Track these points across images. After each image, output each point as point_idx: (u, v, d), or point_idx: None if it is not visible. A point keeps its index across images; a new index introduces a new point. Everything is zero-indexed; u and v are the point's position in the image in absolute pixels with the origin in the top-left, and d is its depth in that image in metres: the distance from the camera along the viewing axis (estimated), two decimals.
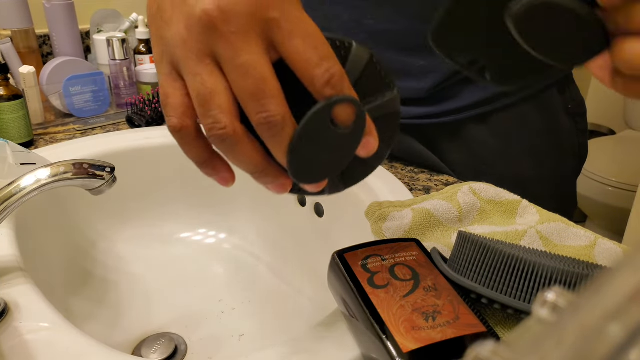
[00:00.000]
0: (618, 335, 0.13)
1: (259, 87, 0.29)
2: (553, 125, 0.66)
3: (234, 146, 0.30)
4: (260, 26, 0.29)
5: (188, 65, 0.29)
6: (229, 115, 0.29)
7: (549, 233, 0.51)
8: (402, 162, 0.72)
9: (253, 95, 0.29)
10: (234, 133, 0.30)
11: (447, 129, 0.66)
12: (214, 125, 0.29)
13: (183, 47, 0.29)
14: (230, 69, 0.29)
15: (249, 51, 0.29)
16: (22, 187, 0.45)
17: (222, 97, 0.29)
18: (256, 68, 0.29)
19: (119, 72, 0.93)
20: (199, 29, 0.29)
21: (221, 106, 0.29)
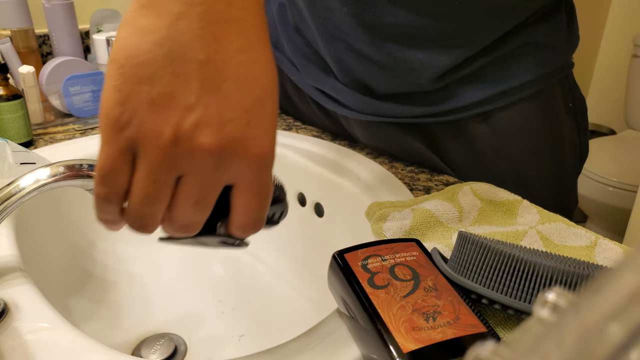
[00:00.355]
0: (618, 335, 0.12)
1: (201, 213, 0.31)
2: (554, 123, 0.66)
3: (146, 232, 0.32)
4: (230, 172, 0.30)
5: (155, 167, 0.29)
6: (158, 222, 0.32)
7: (549, 233, 0.51)
8: (402, 162, 0.72)
9: (192, 214, 0.31)
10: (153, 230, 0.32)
11: (449, 127, 0.66)
12: (145, 220, 0.31)
13: (158, 148, 0.29)
14: (190, 193, 0.30)
15: (215, 190, 0.31)
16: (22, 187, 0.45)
17: (163, 207, 0.31)
18: (210, 202, 0.31)
19: None
20: (186, 151, 0.29)
21: (158, 213, 0.31)
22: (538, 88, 0.63)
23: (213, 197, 0.31)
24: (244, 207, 0.32)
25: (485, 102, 0.63)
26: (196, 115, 0.28)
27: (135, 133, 0.29)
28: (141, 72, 0.28)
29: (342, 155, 0.72)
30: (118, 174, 0.30)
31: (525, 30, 0.61)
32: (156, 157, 0.29)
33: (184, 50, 0.28)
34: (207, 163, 0.29)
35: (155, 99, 0.28)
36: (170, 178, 0.30)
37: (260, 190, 0.32)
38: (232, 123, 0.29)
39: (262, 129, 0.30)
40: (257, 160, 0.30)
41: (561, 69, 0.65)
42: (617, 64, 2.32)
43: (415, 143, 0.69)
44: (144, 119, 0.28)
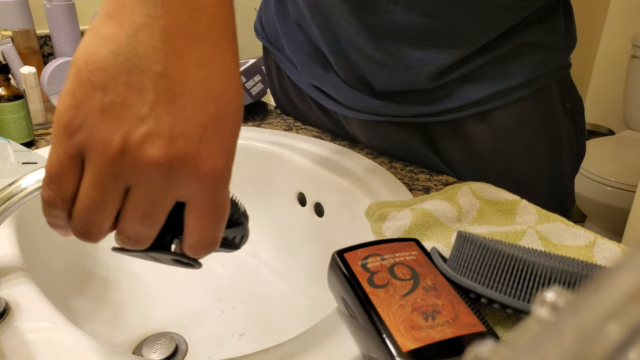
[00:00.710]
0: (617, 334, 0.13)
1: (149, 228, 0.31)
2: (552, 123, 0.67)
3: (89, 240, 0.32)
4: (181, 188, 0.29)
5: (102, 175, 0.29)
6: (104, 232, 0.31)
7: (548, 233, 0.51)
8: (402, 162, 0.72)
9: (140, 228, 0.30)
10: (97, 239, 0.32)
11: (448, 127, 0.67)
12: (89, 228, 0.30)
13: (105, 157, 0.28)
14: (138, 205, 0.30)
15: (164, 205, 0.30)
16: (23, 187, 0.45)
17: (109, 217, 0.30)
18: (159, 218, 0.30)
19: None
20: (134, 162, 0.28)
21: (103, 223, 0.30)
22: (536, 88, 0.64)
23: (162, 213, 0.30)
24: (194, 227, 0.31)
25: (483, 101, 0.63)
26: (147, 126, 0.28)
27: (85, 139, 0.28)
28: (96, 78, 0.28)
29: (342, 155, 0.72)
30: (64, 179, 0.30)
31: (524, 31, 0.62)
32: (103, 165, 0.28)
33: (141, 60, 0.28)
34: (155, 176, 0.28)
35: (107, 107, 0.28)
36: (117, 187, 0.29)
37: (213, 210, 0.31)
38: (184, 137, 0.28)
39: (216, 146, 0.29)
40: (208, 178, 0.30)
41: (559, 69, 0.65)
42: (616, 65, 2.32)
43: (415, 142, 0.69)
44: (94, 126, 0.28)
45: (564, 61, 0.66)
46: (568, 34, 0.66)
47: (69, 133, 0.28)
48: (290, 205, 0.74)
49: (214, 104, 0.29)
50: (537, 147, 0.67)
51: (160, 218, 0.30)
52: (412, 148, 0.70)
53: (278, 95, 0.89)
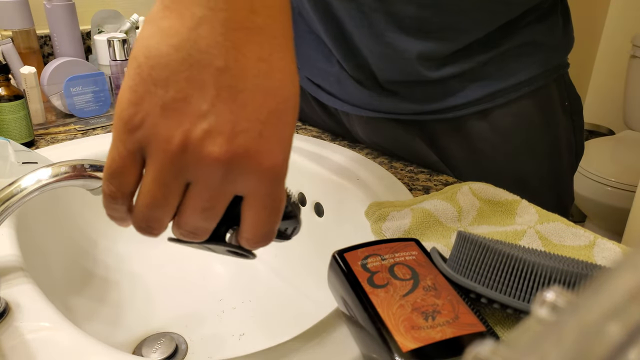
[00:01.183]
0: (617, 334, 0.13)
1: (208, 221, 0.31)
2: (551, 122, 0.67)
3: (151, 235, 0.33)
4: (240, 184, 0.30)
5: (163, 172, 0.29)
6: (164, 226, 0.32)
7: (548, 233, 0.51)
8: (402, 162, 0.72)
9: (199, 221, 0.31)
10: (159, 233, 0.32)
11: (448, 125, 0.67)
12: (152, 223, 0.31)
13: (167, 154, 0.28)
14: (198, 200, 0.30)
15: (223, 200, 0.30)
16: (23, 187, 0.45)
17: (170, 212, 0.31)
18: (218, 211, 0.31)
19: (120, 73, 0.93)
20: (195, 159, 0.28)
21: (164, 218, 0.31)
22: (536, 87, 0.64)
23: (221, 206, 0.31)
24: (253, 220, 0.32)
25: (484, 99, 0.64)
26: (208, 123, 0.28)
27: (146, 136, 0.28)
28: (157, 74, 0.28)
29: (342, 155, 0.72)
30: (125, 174, 0.30)
31: (523, 30, 0.62)
32: (165, 162, 0.29)
33: (202, 56, 0.28)
34: (216, 172, 0.29)
35: (168, 104, 0.28)
36: (178, 184, 0.29)
37: (271, 204, 0.32)
38: (244, 134, 0.28)
39: (275, 142, 0.30)
40: (268, 174, 0.30)
41: (557, 69, 0.66)
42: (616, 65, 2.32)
43: (416, 140, 0.69)
44: (156, 122, 0.28)
45: (562, 60, 0.67)
46: (566, 34, 0.67)
47: (130, 129, 0.29)
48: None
49: (273, 99, 0.29)
50: (536, 145, 0.67)
51: (219, 212, 0.31)
52: (413, 146, 0.70)
53: None
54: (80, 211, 0.72)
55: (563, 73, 0.68)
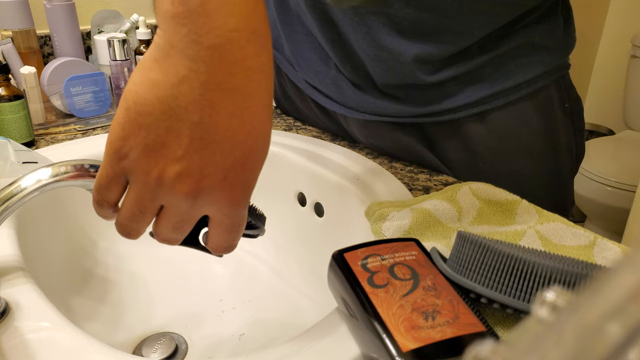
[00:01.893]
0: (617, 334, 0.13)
1: (179, 234, 0.38)
2: (550, 124, 0.66)
3: (130, 238, 0.40)
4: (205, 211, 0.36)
5: (141, 197, 0.35)
6: (140, 233, 0.39)
7: (548, 233, 0.51)
8: (402, 162, 0.72)
9: (171, 234, 0.38)
10: (136, 238, 0.40)
11: (445, 127, 0.67)
12: (130, 231, 0.38)
13: (145, 184, 0.35)
14: (170, 220, 0.37)
15: (190, 221, 0.37)
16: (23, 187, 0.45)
17: (146, 224, 0.38)
18: (187, 228, 0.38)
19: (120, 73, 0.93)
20: (168, 192, 0.35)
21: (141, 228, 0.38)
22: (534, 88, 0.64)
23: (189, 226, 0.37)
24: (216, 237, 0.39)
25: (481, 102, 0.64)
26: (180, 166, 0.33)
27: (129, 167, 0.35)
28: (142, 119, 0.33)
29: (342, 155, 0.72)
30: (110, 189, 0.37)
31: (522, 32, 0.62)
32: (143, 190, 0.35)
33: (181, 110, 0.32)
34: (184, 204, 0.35)
35: (149, 145, 0.33)
36: (153, 206, 0.36)
37: (231, 228, 0.38)
38: (210, 177, 0.34)
39: (238, 184, 0.35)
40: (228, 207, 0.36)
41: (557, 70, 0.65)
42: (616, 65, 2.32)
43: (414, 142, 0.69)
44: (138, 158, 0.34)
45: (562, 62, 0.66)
46: (567, 34, 0.66)
47: (117, 158, 0.35)
48: (290, 205, 0.74)
49: (239, 149, 0.34)
50: (536, 147, 0.67)
51: (186, 229, 0.38)
52: (412, 149, 0.70)
53: (278, 95, 0.89)
54: (80, 211, 0.72)
55: (563, 74, 0.67)
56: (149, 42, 1.06)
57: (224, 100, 0.32)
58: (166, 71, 0.32)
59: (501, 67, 0.62)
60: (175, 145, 0.33)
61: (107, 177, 0.36)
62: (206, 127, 0.32)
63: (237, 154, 0.33)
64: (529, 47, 0.62)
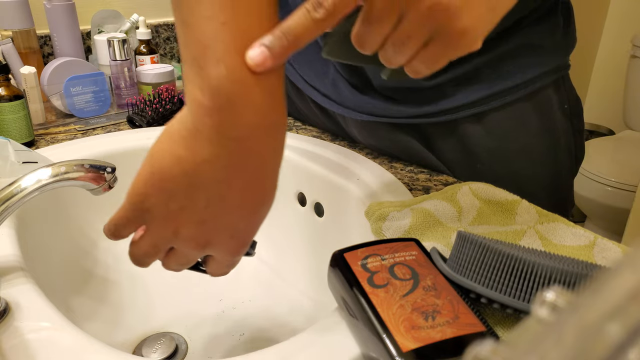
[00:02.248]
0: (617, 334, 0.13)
1: (184, 267, 0.45)
2: (549, 125, 0.66)
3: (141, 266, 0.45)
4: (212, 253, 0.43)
5: (157, 242, 0.41)
6: (150, 265, 0.44)
7: (548, 233, 0.51)
8: (402, 162, 0.72)
9: (177, 268, 0.45)
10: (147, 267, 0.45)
11: (443, 128, 0.67)
12: (142, 264, 0.44)
13: (161, 235, 0.41)
14: (178, 259, 0.43)
15: (195, 259, 0.44)
16: (23, 187, 0.45)
17: (155, 260, 0.44)
18: (191, 263, 0.45)
19: (120, 73, 0.93)
20: (179, 243, 0.41)
21: (152, 262, 0.44)
22: (533, 89, 0.63)
23: (193, 261, 0.44)
24: (215, 270, 0.45)
25: (479, 102, 0.63)
26: (195, 228, 0.39)
27: (150, 218, 0.40)
28: (166, 185, 0.38)
29: (342, 155, 0.72)
30: (126, 229, 0.42)
31: (521, 33, 0.61)
32: (159, 239, 0.41)
33: (201, 185, 0.37)
34: (193, 252, 0.42)
35: (170, 207, 0.39)
36: (165, 248, 0.42)
37: (229, 265, 0.45)
38: (220, 236, 0.40)
39: (241, 240, 0.41)
40: (230, 257, 0.43)
41: (556, 71, 0.65)
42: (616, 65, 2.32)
43: (413, 142, 0.69)
44: (159, 215, 0.39)
45: (562, 62, 0.66)
46: (566, 34, 0.66)
47: (138, 209, 0.40)
48: (290, 205, 0.74)
49: (247, 214, 0.40)
50: (534, 148, 0.66)
51: (191, 263, 0.44)
52: (411, 149, 0.70)
53: None
54: (80, 211, 0.72)
55: (563, 75, 0.67)
56: (149, 42, 1.06)
57: (238, 178, 0.37)
58: (192, 150, 0.36)
59: (499, 68, 0.62)
60: (192, 211, 0.38)
61: (127, 220, 0.41)
62: (221, 198, 0.38)
63: (245, 218, 0.40)
64: (527, 47, 0.62)
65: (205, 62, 0.34)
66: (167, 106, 0.89)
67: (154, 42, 1.20)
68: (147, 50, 1.05)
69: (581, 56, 2.34)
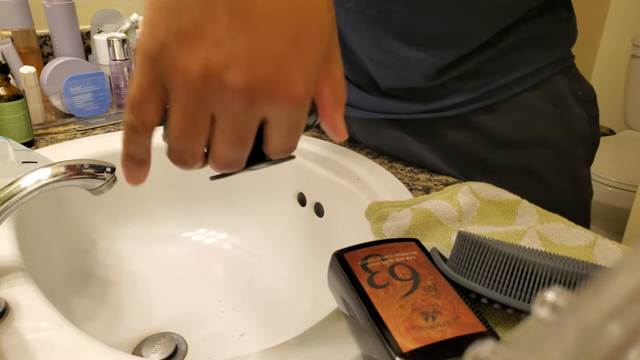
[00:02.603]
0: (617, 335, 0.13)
1: (241, 151, 0.32)
2: (563, 112, 0.66)
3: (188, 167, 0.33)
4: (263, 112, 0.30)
5: (187, 103, 0.29)
6: (198, 158, 0.32)
7: (548, 233, 0.51)
8: (402, 162, 0.72)
9: (232, 153, 0.31)
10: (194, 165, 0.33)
11: (451, 122, 0.66)
12: (185, 156, 0.32)
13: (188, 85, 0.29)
14: (226, 133, 0.30)
15: (250, 129, 0.30)
16: (23, 187, 0.45)
17: (200, 143, 0.31)
18: (248, 141, 0.31)
19: (120, 72, 0.93)
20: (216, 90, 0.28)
21: (196, 150, 0.31)
22: (539, 79, 0.63)
23: (250, 135, 0.31)
24: (276, 141, 0.32)
25: (485, 96, 0.63)
26: (224, 51, 0.28)
27: (166, 69, 0.29)
28: (171, 4, 0.28)
29: (342, 155, 0.72)
30: (145, 104, 0.30)
31: (524, 26, 0.61)
32: (186, 93, 0.29)
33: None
34: (238, 103, 0.29)
35: (183, 32, 0.28)
36: (203, 115, 0.30)
37: (291, 129, 0.32)
38: (262, 61, 0.28)
39: (294, 68, 0.29)
40: (289, 103, 0.29)
41: (561, 61, 0.65)
42: (616, 65, 2.32)
43: (414, 143, 0.69)
44: (174, 54, 0.28)
45: (565, 52, 0.65)
46: (568, 25, 0.66)
47: (150, 61, 0.29)
48: (290, 205, 0.74)
49: (289, 22, 0.29)
50: (549, 137, 0.66)
51: (249, 140, 0.31)
52: (411, 149, 0.70)
53: None
54: (80, 211, 0.72)
55: (569, 64, 0.66)
56: None
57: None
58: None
59: (503, 62, 0.62)
60: (213, 26, 0.28)
61: (141, 90, 0.30)
62: (244, 4, 0.28)
63: (288, 29, 0.29)
64: (531, 39, 0.62)
65: None
66: None
67: None
68: None
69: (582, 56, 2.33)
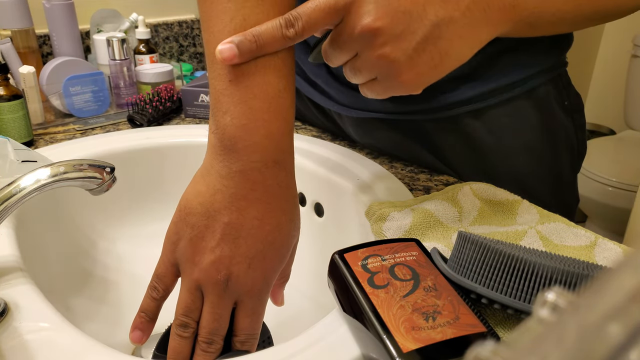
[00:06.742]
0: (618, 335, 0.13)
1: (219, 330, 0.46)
2: (549, 121, 0.66)
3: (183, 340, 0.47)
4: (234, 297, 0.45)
5: (187, 280, 0.45)
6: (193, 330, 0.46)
7: (549, 233, 0.51)
8: (402, 162, 0.72)
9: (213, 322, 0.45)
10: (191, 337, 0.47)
11: (441, 124, 0.66)
12: (184, 326, 0.46)
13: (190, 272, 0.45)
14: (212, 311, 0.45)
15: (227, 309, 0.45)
16: (22, 187, 0.45)
17: (196, 316, 0.46)
18: (224, 319, 0.45)
19: (119, 72, 0.93)
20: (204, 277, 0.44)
21: (193, 321, 0.46)
22: (530, 87, 0.63)
23: (226, 314, 0.45)
24: (241, 319, 0.46)
25: (475, 99, 0.63)
26: (214, 255, 0.43)
27: (179, 255, 0.46)
28: (189, 219, 0.44)
29: (342, 155, 0.72)
30: (166, 277, 0.47)
31: None
32: (188, 276, 0.45)
33: (216, 213, 0.43)
34: (218, 288, 0.44)
35: (192, 238, 0.44)
36: (198, 292, 0.45)
37: (252, 312, 0.46)
38: (237, 265, 0.43)
39: (259, 272, 0.44)
40: (251, 292, 0.45)
41: (553, 68, 0.65)
42: (617, 64, 2.32)
43: (409, 141, 0.69)
44: (185, 247, 0.45)
45: (559, 60, 0.66)
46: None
47: (172, 248, 0.46)
48: None
49: (261, 243, 0.44)
50: (535, 145, 0.66)
51: (224, 319, 0.45)
52: (406, 147, 0.70)
53: None
54: (80, 211, 0.72)
55: (560, 72, 0.67)
56: (147, 42, 1.06)
57: (248, 207, 0.43)
58: (207, 184, 0.44)
59: (495, 65, 0.62)
60: (210, 239, 0.43)
61: (164, 266, 0.46)
62: (234, 226, 0.43)
63: (259, 247, 0.43)
64: (523, 45, 0.62)
65: (216, 112, 0.43)
66: (168, 104, 0.89)
67: (153, 42, 1.20)
68: (146, 49, 1.05)
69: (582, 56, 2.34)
